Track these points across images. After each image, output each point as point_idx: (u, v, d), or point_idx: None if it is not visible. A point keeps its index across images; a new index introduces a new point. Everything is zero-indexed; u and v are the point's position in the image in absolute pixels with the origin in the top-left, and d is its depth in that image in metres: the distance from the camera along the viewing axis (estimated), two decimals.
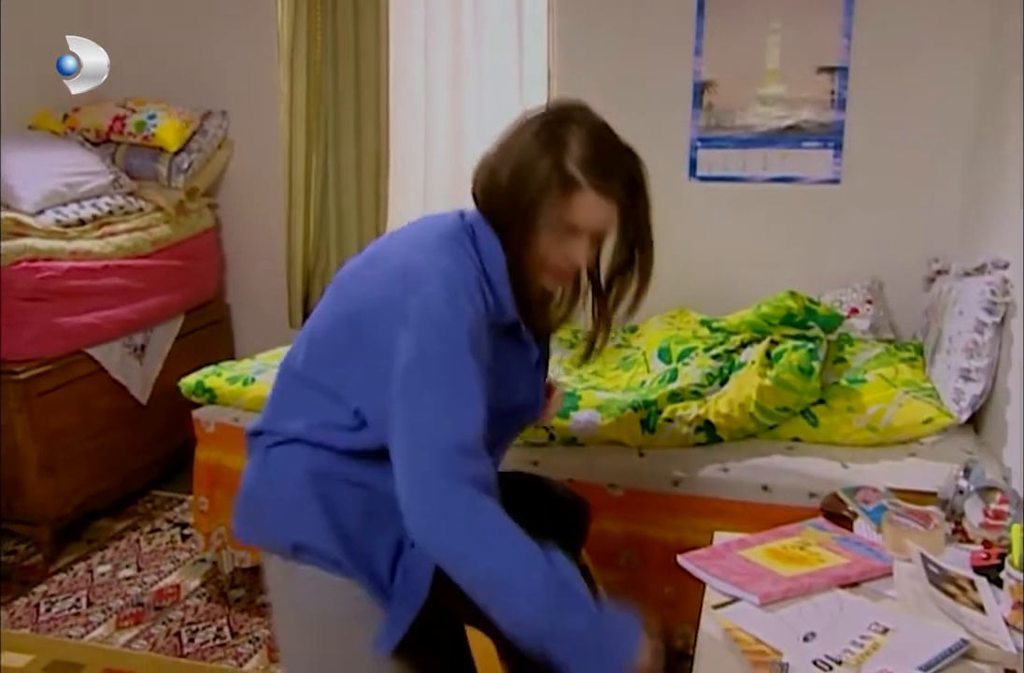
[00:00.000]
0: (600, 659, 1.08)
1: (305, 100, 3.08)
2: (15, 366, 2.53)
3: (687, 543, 1.92)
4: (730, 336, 2.37)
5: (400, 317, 1.15)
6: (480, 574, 1.11)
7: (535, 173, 1.18)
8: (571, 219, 1.19)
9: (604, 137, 1.22)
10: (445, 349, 1.13)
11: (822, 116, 2.73)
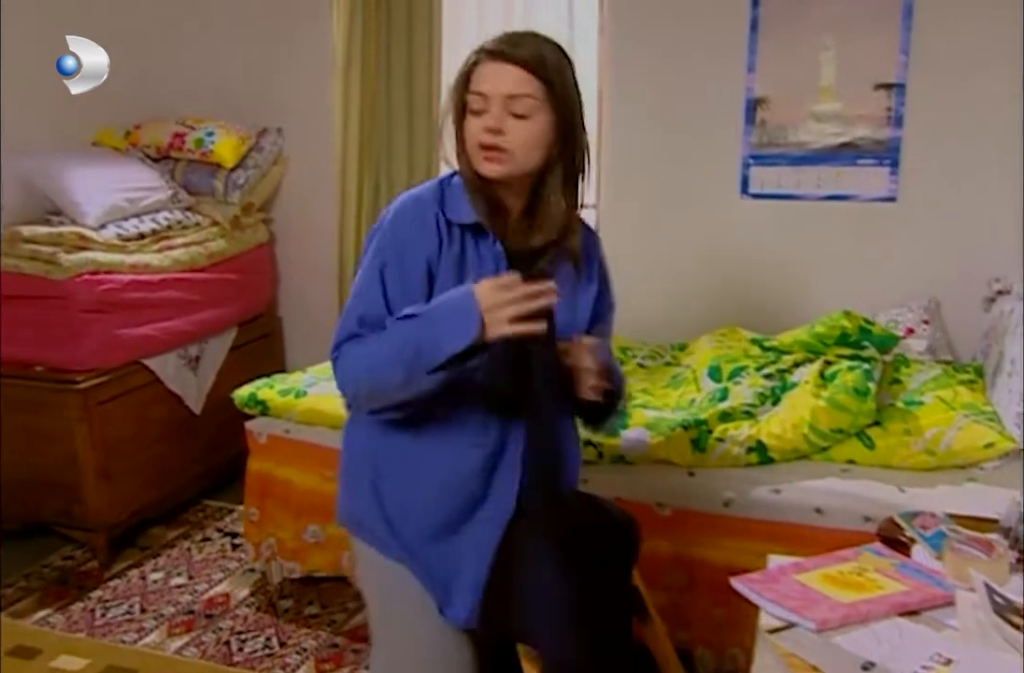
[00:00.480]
0: (448, 332, 1.17)
1: (359, 117, 3.13)
2: (76, 376, 2.60)
3: (737, 565, 1.90)
4: (782, 355, 2.34)
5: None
6: (366, 378, 1.27)
7: (458, 74, 1.29)
8: (475, 88, 1.24)
9: (516, 31, 1.31)
10: (373, 254, 1.31)
11: (878, 133, 2.70)
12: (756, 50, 2.80)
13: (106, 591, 2.54)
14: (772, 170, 2.84)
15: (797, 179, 2.82)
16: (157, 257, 2.87)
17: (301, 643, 2.27)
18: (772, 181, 2.85)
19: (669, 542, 2.00)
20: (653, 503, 2.02)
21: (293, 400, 2.40)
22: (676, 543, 2.00)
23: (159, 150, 3.22)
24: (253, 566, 2.58)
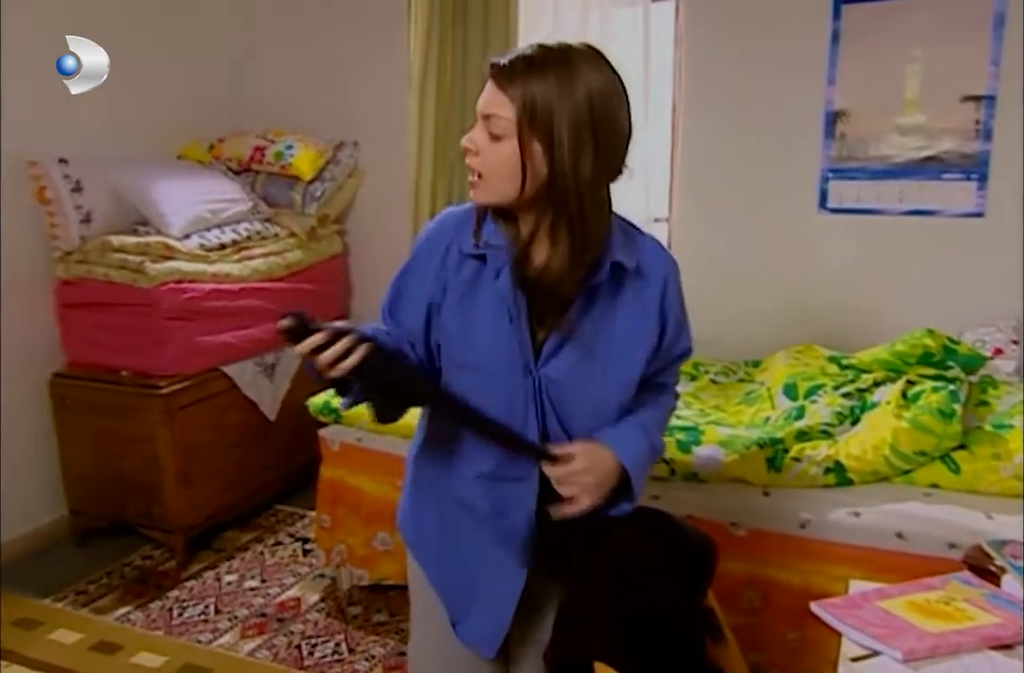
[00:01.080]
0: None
1: (433, 130, 3.18)
2: (159, 381, 2.69)
3: (814, 588, 1.86)
4: (861, 374, 2.29)
5: None
6: None
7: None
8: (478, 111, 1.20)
9: (528, 45, 1.19)
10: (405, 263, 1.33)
11: (965, 147, 2.62)
12: (837, 62, 2.75)
13: (183, 591, 2.61)
14: (852, 184, 2.78)
15: (878, 193, 2.75)
16: (237, 267, 2.95)
17: (369, 650, 2.30)
18: (851, 195, 2.79)
19: (743, 563, 1.97)
20: (727, 522, 1.99)
21: (365, 409, 2.43)
22: (750, 564, 1.97)
23: (240, 163, 3.32)
24: (323, 572, 2.62)
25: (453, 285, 1.26)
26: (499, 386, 1.25)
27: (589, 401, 1.27)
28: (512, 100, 1.13)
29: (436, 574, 1.41)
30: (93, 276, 2.73)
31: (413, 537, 1.44)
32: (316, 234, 3.31)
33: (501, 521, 1.31)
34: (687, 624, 1.37)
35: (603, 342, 1.25)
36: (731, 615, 1.90)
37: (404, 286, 1.32)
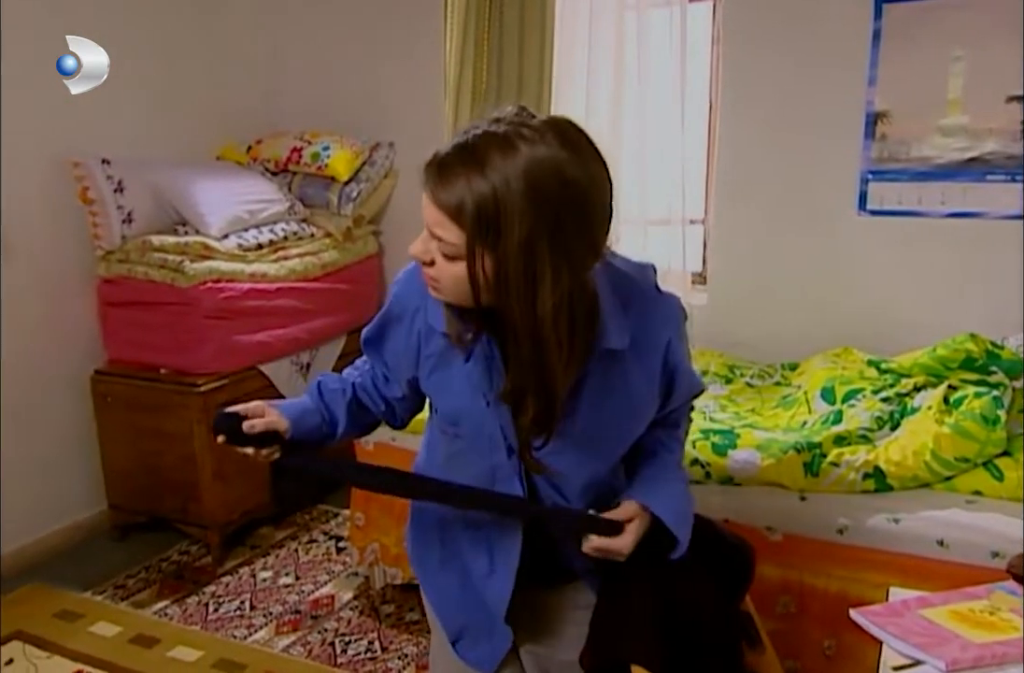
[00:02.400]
0: None
1: None
2: (197, 379, 2.72)
3: (851, 595, 1.84)
4: (901, 378, 2.25)
5: None
6: None
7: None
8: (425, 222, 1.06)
9: (460, 142, 1.01)
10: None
11: (1010, 148, 2.57)
12: (877, 63, 2.71)
13: (219, 587, 2.65)
14: (892, 186, 2.74)
15: (919, 195, 2.71)
16: (274, 266, 2.98)
17: (402, 648, 2.31)
18: (892, 197, 2.75)
19: (779, 568, 1.95)
20: (763, 527, 1.97)
21: None
22: (786, 569, 1.95)
23: (278, 164, 3.35)
24: (357, 570, 2.64)
25: (425, 354, 1.21)
26: (484, 457, 1.22)
27: (582, 475, 1.23)
28: (454, 222, 0.99)
29: (431, 590, 1.40)
30: (134, 275, 2.77)
31: (414, 558, 1.44)
32: (351, 234, 3.33)
33: (490, 539, 1.30)
34: (724, 629, 1.36)
35: (595, 422, 1.18)
36: (766, 621, 1.88)
37: (385, 329, 1.29)
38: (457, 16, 3.10)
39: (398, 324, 1.26)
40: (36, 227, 2.76)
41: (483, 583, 1.32)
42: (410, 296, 1.22)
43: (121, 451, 2.89)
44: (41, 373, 2.81)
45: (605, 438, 1.22)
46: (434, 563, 1.39)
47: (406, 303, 1.23)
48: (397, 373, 1.31)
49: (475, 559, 1.33)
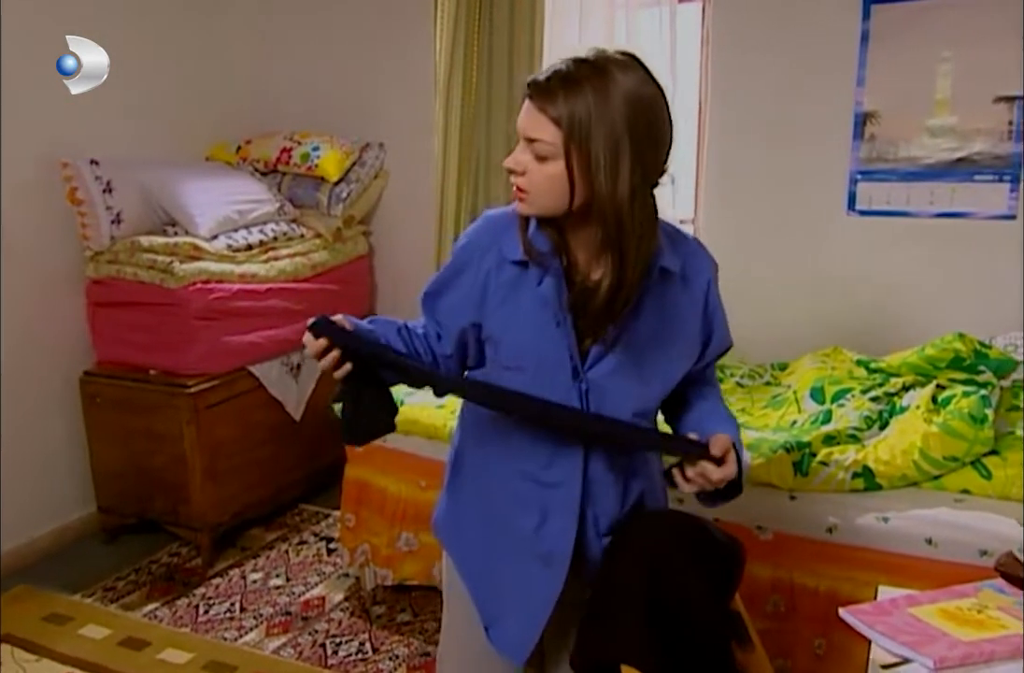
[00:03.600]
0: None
1: (459, 133, 3.18)
2: (187, 380, 2.72)
3: (841, 594, 1.85)
4: (890, 378, 2.26)
5: None
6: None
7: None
8: (518, 128, 1.20)
9: (563, 62, 1.17)
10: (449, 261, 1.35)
11: (998, 148, 2.58)
12: (866, 63, 2.72)
13: (209, 588, 2.64)
14: (881, 186, 2.75)
15: (907, 195, 2.72)
16: (264, 267, 2.97)
17: (393, 650, 2.31)
18: (881, 197, 2.76)
19: (769, 567, 1.95)
20: (753, 526, 1.98)
21: None
22: (776, 568, 1.96)
23: (267, 164, 3.34)
24: (348, 571, 2.64)
25: (494, 289, 1.27)
26: (547, 388, 1.25)
27: (633, 401, 1.30)
28: (554, 122, 1.13)
29: (472, 576, 1.41)
30: (123, 276, 2.76)
31: (450, 537, 1.45)
32: (341, 235, 3.32)
33: (542, 527, 1.32)
34: (714, 628, 1.36)
35: (649, 344, 1.27)
36: (756, 620, 1.88)
37: (446, 284, 1.34)
38: (447, 17, 3.10)
39: (463, 273, 1.30)
40: (25, 228, 2.75)
41: (535, 537, 1.32)
42: (480, 239, 1.30)
43: (111, 452, 2.88)
44: (30, 374, 2.80)
45: (655, 363, 1.29)
46: (473, 539, 1.40)
47: (475, 246, 1.30)
48: (449, 328, 1.34)
49: (525, 515, 1.33)
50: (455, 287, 1.32)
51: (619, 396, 1.28)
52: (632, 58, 1.18)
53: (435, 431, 2.36)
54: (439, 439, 2.35)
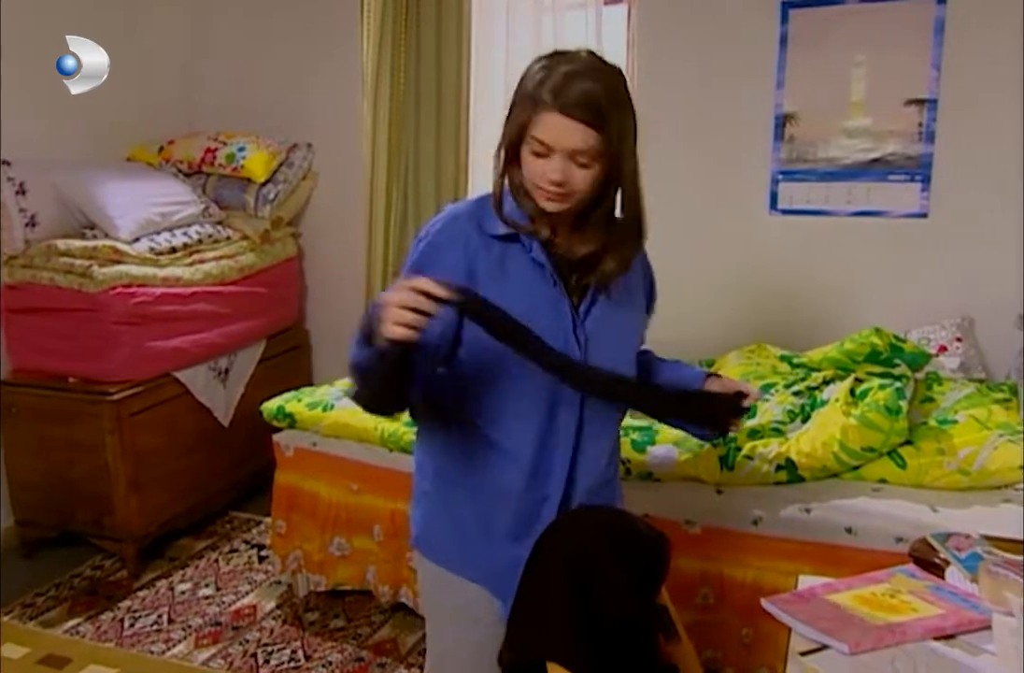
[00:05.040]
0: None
1: (387, 132, 3.17)
2: (109, 387, 2.64)
3: (766, 584, 1.89)
4: (811, 372, 2.32)
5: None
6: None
7: (520, 93, 1.27)
8: (539, 135, 1.24)
9: (580, 71, 1.24)
10: (411, 265, 1.33)
11: (909, 149, 2.68)
12: (785, 66, 2.80)
13: (135, 601, 2.56)
14: (801, 186, 2.83)
15: (826, 195, 2.81)
16: (188, 270, 2.91)
17: (327, 656, 2.28)
18: (801, 197, 2.84)
19: (697, 560, 1.99)
20: (681, 520, 2.01)
21: (320, 413, 2.42)
22: (704, 561, 1.99)
23: (191, 165, 3.27)
24: (280, 578, 2.59)
25: (484, 266, 1.30)
26: (550, 343, 1.30)
27: (620, 351, 1.41)
28: (601, 133, 1.22)
29: (476, 565, 1.39)
30: (38, 281, 2.67)
31: (441, 543, 1.42)
32: (270, 237, 3.27)
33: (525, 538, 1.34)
34: (640, 622, 1.38)
35: (620, 299, 1.39)
36: (686, 612, 1.92)
37: (426, 266, 1.30)
38: (374, 17, 3.08)
39: (445, 253, 1.31)
40: None
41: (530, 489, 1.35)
42: (457, 222, 1.33)
43: (28, 464, 2.78)
44: None
45: (627, 316, 1.42)
46: (469, 529, 1.39)
47: (454, 228, 1.32)
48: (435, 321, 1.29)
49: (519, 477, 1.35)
50: (439, 265, 1.29)
51: (610, 345, 1.37)
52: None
53: (367, 434, 2.34)
54: (370, 442, 2.33)
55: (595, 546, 1.28)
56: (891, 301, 2.76)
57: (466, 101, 3.10)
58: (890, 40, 2.67)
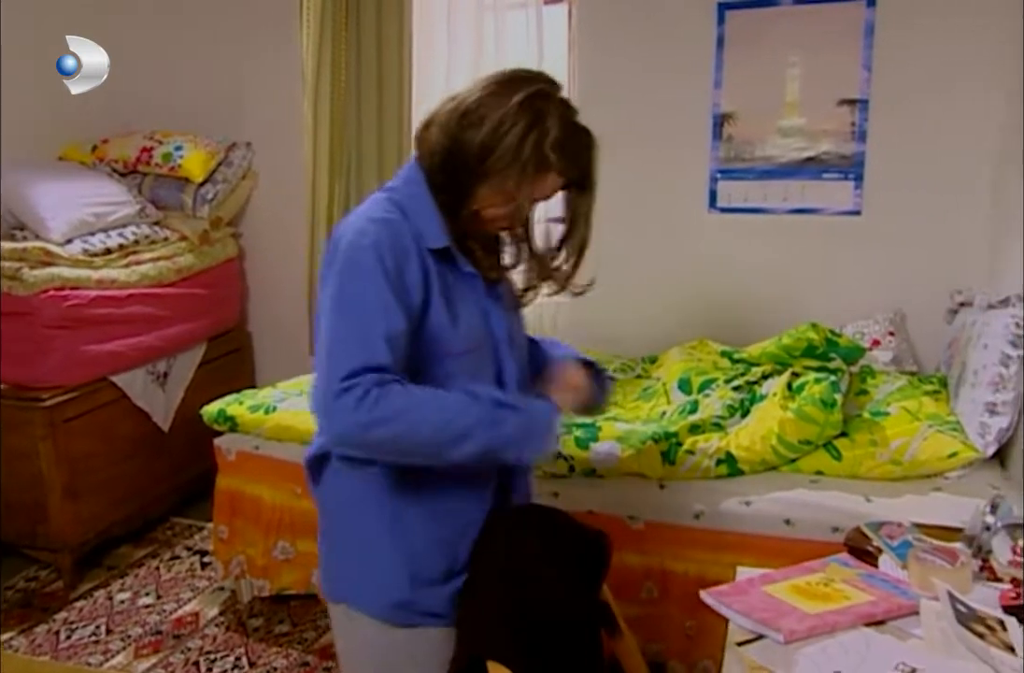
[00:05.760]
0: (530, 442, 1.23)
1: (329, 131, 3.13)
2: (41, 393, 2.56)
3: (709, 577, 1.91)
4: (751, 367, 2.36)
5: (326, 278, 1.23)
6: (411, 432, 1.15)
7: (515, 150, 1.21)
8: (532, 193, 1.26)
9: (572, 117, 1.28)
10: (352, 283, 1.19)
11: (843, 148, 2.74)
12: (722, 67, 2.84)
13: (71, 612, 2.49)
14: (740, 184, 2.88)
15: (764, 193, 2.86)
16: (124, 272, 2.85)
17: (271, 662, 2.24)
18: (739, 195, 2.89)
19: (641, 555, 2.01)
20: (625, 516, 2.02)
21: (262, 416, 2.38)
22: (648, 556, 2.01)
23: (126, 164, 3.20)
24: (223, 584, 2.55)
25: (433, 277, 1.25)
26: (496, 361, 1.33)
27: (525, 351, 1.46)
28: (560, 175, 1.30)
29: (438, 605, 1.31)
30: None
31: (390, 590, 1.30)
32: (209, 237, 3.21)
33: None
34: (582, 619, 1.38)
35: (513, 304, 1.44)
36: (631, 607, 1.94)
37: (388, 301, 1.18)
38: (314, 13, 3.05)
39: (405, 268, 1.21)
40: None
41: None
42: (401, 232, 1.23)
43: None
44: None
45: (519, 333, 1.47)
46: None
47: (405, 246, 1.22)
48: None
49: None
50: (406, 274, 1.21)
51: (523, 348, 1.43)
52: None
53: (310, 437, 2.29)
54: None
55: (530, 545, 1.28)
56: (827, 296, 2.82)
57: (408, 99, 3.09)
58: (823, 41, 2.73)
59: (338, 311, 1.18)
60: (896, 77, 2.68)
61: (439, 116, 1.27)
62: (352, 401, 1.11)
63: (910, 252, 2.76)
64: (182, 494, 3.06)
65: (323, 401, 1.14)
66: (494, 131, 1.20)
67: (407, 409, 1.14)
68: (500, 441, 1.19)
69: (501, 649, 1.20)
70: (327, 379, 1.13)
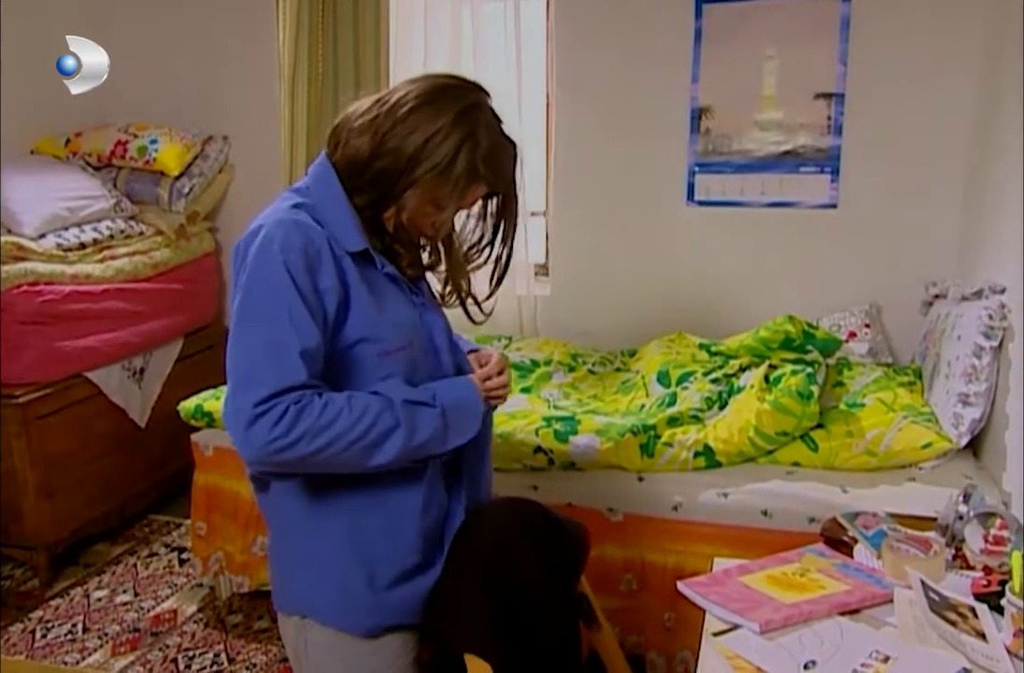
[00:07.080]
0: (451, 431, 1.26)
1: (306, 124, 3.10)
2: (14, 390, 2.53)
3: (687, 568, 1.92)
4: (729, 360, 2.37)
5: (235, 286, 1.21)
6: (332, 445, 1.14)
7: (448, 161, 1.21)
8: (459, 202, 1.28)
9: (500, 128, 1.28)
10: (263, 296, 1.15)
11: (819, 141, 2.76)
12: (700, 60, 2.85)
13: (47, 611, 2.47)
14: (717, 178, 2.89)
15: (741, 187, 2.87)
16: (99, 267, 2.81)
17: (251, 658, 2.23)
18: (717, 189, 2.90)
19: (620, 547, 2.01)
20: (604, 508, 2.03)
21: None
22: (627, 548, 2.02)
23: (101, 158, 3.16)
24: (201, 581, 2.53)
25: (352, 281, 1.21)
26: (435, 354, 1.34)
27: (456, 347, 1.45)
28: (484, 184, 1.31)
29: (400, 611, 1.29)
30: None
31: (348, 601, 1.26)
32: (185, 232, 3.18)
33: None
34: (560, 611, 1.39)
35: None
36: (610, 599, 1.95)
37: (313, 299, 1.16)
38: (290, 5, 3.02)
39: (319, 273, 1.17)
40: None
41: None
42: (314, 238, 1.18)
43: None
44: None
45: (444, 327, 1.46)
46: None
47: (318, 250, 1.18)
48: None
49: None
50: (321, 279, 1.17)
51: (455, 345, 1.42)
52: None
53: None
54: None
55: (508, 539, 1.28)
56: (804, 289, 2.84)
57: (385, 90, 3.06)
58: (799, 36, 2.74)
59: (248, 325, 1.15)
60: (872, 71, 2.69)
61: (365, 118, 1.23)
62: (267, 425, 1.09)
63: (886, 245, 2.78)
64: (159, 491, 3.04)
65: (236, 426, 1.12)
66: (427, 141, 1.20)
67: (325, 424, 1.12)
68: (420, 439, 1.21)
69: (479, 642, 1.20)
70: (241, 400, 1.11)
